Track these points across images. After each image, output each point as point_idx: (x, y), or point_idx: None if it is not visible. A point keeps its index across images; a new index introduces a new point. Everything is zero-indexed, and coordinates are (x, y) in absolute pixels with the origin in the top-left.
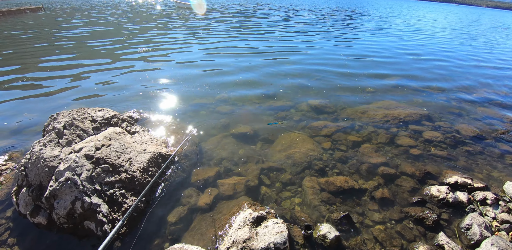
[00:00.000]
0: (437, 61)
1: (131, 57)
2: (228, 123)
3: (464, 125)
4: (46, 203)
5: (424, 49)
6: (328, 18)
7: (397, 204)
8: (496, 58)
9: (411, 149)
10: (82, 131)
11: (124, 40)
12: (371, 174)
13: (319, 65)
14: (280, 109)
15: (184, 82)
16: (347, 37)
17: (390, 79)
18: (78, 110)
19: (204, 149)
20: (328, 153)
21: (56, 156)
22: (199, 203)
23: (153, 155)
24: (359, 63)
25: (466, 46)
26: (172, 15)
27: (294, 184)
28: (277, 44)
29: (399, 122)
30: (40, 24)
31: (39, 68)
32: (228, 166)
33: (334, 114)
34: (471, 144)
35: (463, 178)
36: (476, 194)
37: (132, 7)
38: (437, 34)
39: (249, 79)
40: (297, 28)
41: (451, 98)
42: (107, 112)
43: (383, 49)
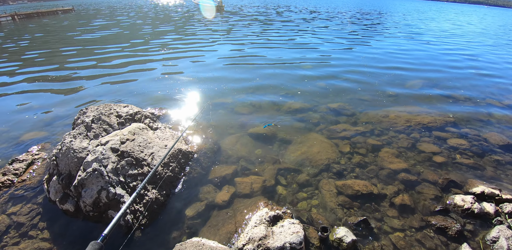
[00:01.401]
0: (472, 69)
1: (153, 58)
2: (245, 123)
3: (493, 133)
4: (74, 191)
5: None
6: (354, 21)
7: (418, 211)
8: None
9: (434, 155)
10: (108, 125)
11: (145, 42)
12: (390, 179)
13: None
14: (298, 112)
15: (204, 84)
16: (381, 45)
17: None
18: (105, 105)
19: (222, 147)
20: (347, 156)
21: (85, 147)
22: (217, 199)
23: (173, 151)
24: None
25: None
26: (193, 17)
27: (311, 186)
28: (306, 53)
29: (422, 128)
30: (69, 26)
31: (67, 67)
32: (245, 165)
33: (353, 117)
34: (501, 154)
35: (491, 188)
36: (505, 205)
37: (154, 9)
38: (477, 39)
39: (269, 83)
40: (324, 34)
41: (480, 105)
42: (131, 109)
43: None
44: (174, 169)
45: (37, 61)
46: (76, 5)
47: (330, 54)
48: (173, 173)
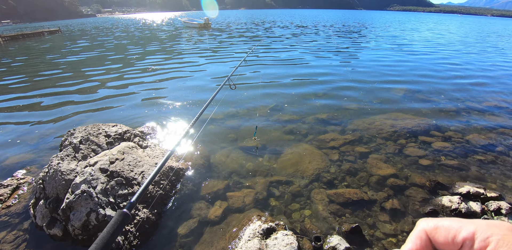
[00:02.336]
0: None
1: (140, 79)
2: (236, 137)
3: (475, 134)
4: (62, 215)
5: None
6: (340, 34)
7: (409, 215)
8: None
9: (420, 159)
10: (97, 146)
11: (132, 63)
12: (380, 185)
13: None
14: (288, 123)
15: (193, 101)
16: (367, 57)
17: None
18: (93, 126)
19: (214, 162)
20: (337, 164)
21: (73, 169)
22: (209, 215)
23: (164, 169)
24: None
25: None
26: (181, 35)
27: (303, 196)
28: (294, 69)
29: (407, 133)
30: (53, 47)
31: (53, 91)
32: (237, 179)
33: (341, 126)
34: (483, 153)
35: (476, 187)
36: (490, 203)
37: (142, 28)
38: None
39: (258, 94)
40: (311, 48)
41: (460, 108)
42: (120, 128)
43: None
44: (165, 186)
45: (19, 82)
46: (62, 26)
47: (317, 68)
48: (164, 191)
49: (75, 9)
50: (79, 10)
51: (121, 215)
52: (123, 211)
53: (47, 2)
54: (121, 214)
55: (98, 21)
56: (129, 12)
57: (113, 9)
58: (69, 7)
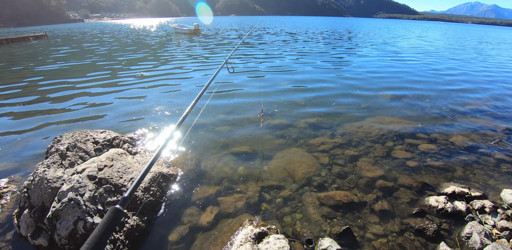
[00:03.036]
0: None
1: (128, 82)
2: (227, 142)
3: (459, 136)
4: (48, 224)
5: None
6: (331, 42)
7: (397, 216)
8: (488, 71)
9: (407, 161)
10: (85, 153)
11: (120, 68)
12: (369, 187)
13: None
14: (278, 128)
15: (182, 107)
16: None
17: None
18: (80, 132)
19: (205, 168)
20: (327, 168)
21: (59, 177)
22: (201, 221)
23: (154, 175)
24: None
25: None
26: (171, 41)
27: (294, 200)
28: (285, 75)
29: (394, 136)
30: (38, 53)
31: (40, 95)
32: (228, 185)
33: (331, 130)
34: (466, 154)
35: (460, 187)
36: (474, 202)
37: (131, 34)
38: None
39: (246, 100)
40: (299, 54)
41: (444, 111)
42: (108, 134)
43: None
44: (155, 193)
45: (5, 89)
46: (48, 31)
47: (306, 74)
48: (154, 198)
49: (62, 14)
50: (66, 15)
51: (113, 211)
52: (115, 207)
53: (33, 7)
54: (114, 211)
55: (86, 26)
56: (118, 17)
57: (101, 14)
58: (56, 12)
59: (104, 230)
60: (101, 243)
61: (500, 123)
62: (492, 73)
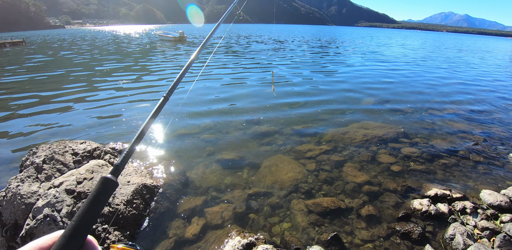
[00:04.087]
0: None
1: (110, 90)
2: (213, 151)
3: (439, 139)
4: (21, 243)
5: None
6: (319, 51)
7: (384, 220)
8: (463, 77)
9: (391, 165)
10: (63, 165)
11: (102, 78)
12: (356, 192)
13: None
14: (265, 136)
15: (166, 114)
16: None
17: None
18: (58, 143)
19: (190, 178)
20: (314, 174)
21: (34, 192)
22: (186, 234)
23: (137, 187)
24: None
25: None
26: (155, 49)
27: (282, 208)
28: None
29: (378, 141)
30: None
31: (14, 106)
32: (215, 194)
33: (317, 136)
34: (447, 157)
35: (442, 189)
36: (456, 204)
37: (114, 41)
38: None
39: (232, 107)
40: (284, 62)
41: (424, 116)
42: (89, 145)
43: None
44: (139, 206)
45: None
46: (26, 37)
47: (291, 82)
48: (138, 211)
49: (42, 20)
50: (46, 21)
51: (103, 181)
52: (105, 176)
53: (11, 13)
54: (103, 181)
55: (67, 33)
56: (101, 24)
57: (83, 20)
58: (35, 17)
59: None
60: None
61: (475, 126)
62: (467, 81)
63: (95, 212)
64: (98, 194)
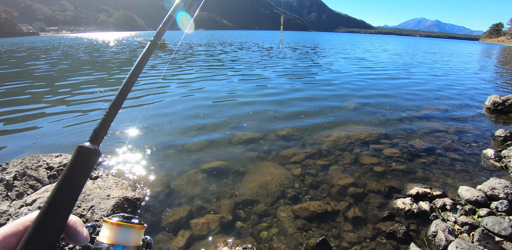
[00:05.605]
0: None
1: (88, 99)
2: (197, 159)
3: (417, 139)
4: None
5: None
6: (306, 57)
7: (369, 221)
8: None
9: (374, 166)
10: (36, 181)
11: (82, 83)
12: (341, 195)
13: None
14: (250, 142)
15: (147, 123)
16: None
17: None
18: (31, 158)
19: (175, 188)
20: (300, 179)
21: (4, 211)
22: (172, 248)
23: (118, 200)
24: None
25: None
26: (134, 58)
27: (269, 215)
28: (258, 90)
29: (361, 143)
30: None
31: None
32: (200, 204)
33: (301, 141)
34: (425, 156)
35: (423, 188)
36: (436, 201)
37: (90, 49)
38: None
39: (216, 114)
40: (266, 67)
41: (403, 117)
42: (65, 158)
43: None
44: None
45: None
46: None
47: (273, 87)
48: None
49: (13, 27)
50: (18, 28)
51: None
52: (81, 145)
53: None
54: (79, 150)
55: (40, 40)
56: (78, 31)
57: (59, 27)
58: (6, 24)
59: (69, 179)
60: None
61: (450, 125)
62: (441, 81)
63: (73, 188)
64: (74, 166)
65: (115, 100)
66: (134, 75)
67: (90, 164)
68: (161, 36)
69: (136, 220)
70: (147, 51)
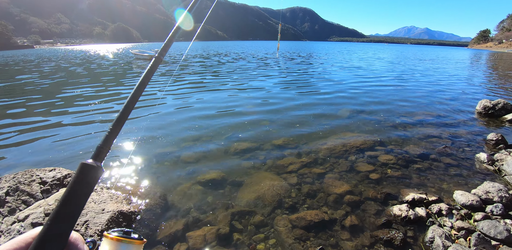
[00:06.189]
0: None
1: (82, 112)
2: (194, 170)
3: (411, 145)
4: None
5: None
6: (304, 67)
7: (367, 229)
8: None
9: (370, 173)
10: (29, 196)
11: (75, 96)
12: (338, 203)
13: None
14: (246, 152)
15: (142, 135)
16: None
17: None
18: (24, 172)
19: (171, 200)
20: (296, 188)
21: None
22: None
23: (113, 215)
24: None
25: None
26: (130, 71)
27: (266, 225)
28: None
29: (356, 151)
30: None
31: None
32: (196, 216)
33: (297, 150)
34: (420, 162)
35: (419, 194)
36: (432, 206)
37: (87, 61)
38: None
39: (211, 125)
40: (260, 77)
41: (397, 123)
42: (59, 172)
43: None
44: None
45: None
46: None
47: (268, 97)
48: None
49: (8, 40)
50: (13, 41)
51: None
52: (84, 162)
53: None
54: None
55: (34, 53)
56: (73, 43)
57: (54, 40)
58: (1, 37)
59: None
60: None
61: (443, 130)
62: (433, 87)
63: (76, 205)
64: (77, 183)
65: (119, 117)
66: (138, 92)
67: (93, 181)
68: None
69: (136, 235)
70: (151, 68)
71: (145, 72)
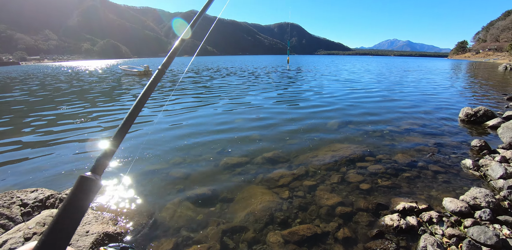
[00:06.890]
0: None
1: (67, 131)
2: (183, 187)
3: (400, 154)
4: None
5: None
6: (298, 81)
7: (360, 241)
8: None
9: (360, 184)
10: (8, 219)
11: (59, 114)
12: (330, 215)
13: None
14: (237, 167)
15: (130, 151)
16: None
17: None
18: (4, 194)
19: (159, 219)
20: (288, 201)
21: None
22: None
23: (97, 237)
24: None
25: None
26: (119, 87)
27: (259, 242)
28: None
29: (346, 162)
30: None
31: None
32: (186, 234)
33: (288, 162)
34: (409, 170)
35: (409, 202)
36: (423, 215)
37: (75, 78)
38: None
39: (201, 140)
40: (246, 91)
41: (384, 133)
42: (41, 193)
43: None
44: None
45: None
46: None
47: (256, 111)
48: None
49: None
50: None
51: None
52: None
53: None
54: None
55: (18, 70)
56: (61, 60)
57: (41, 56)
58: None
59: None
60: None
61: (430, 138)
62: (418, 96)
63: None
64: (74, 197)
65: (120, 129)
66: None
67: (91, 194)
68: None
69: None
70: (153, 81)
71: (148, 84)
